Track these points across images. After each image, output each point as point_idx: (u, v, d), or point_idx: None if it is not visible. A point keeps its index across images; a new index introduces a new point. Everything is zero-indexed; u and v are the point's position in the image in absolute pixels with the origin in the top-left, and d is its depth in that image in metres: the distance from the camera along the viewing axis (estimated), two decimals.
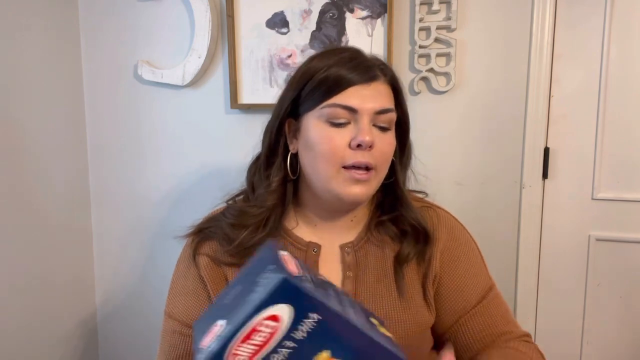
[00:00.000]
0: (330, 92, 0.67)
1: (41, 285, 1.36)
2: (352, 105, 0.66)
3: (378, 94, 0.68)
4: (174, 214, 1.49)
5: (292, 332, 0.42)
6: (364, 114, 0.66)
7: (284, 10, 1.32)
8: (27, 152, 1.30)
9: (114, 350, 1.60)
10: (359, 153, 0.66)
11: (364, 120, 0.66)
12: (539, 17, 1.20)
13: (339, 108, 0.66)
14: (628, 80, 1.20)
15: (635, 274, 1.25)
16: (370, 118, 0.67)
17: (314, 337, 0.42)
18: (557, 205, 1.28)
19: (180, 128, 1.45)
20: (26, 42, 1.28)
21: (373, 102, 0.67)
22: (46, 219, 1.36)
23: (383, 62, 0.73)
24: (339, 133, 0.67)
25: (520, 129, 1.25)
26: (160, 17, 1.41)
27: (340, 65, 0.67)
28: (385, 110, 0.68)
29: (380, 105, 0.67)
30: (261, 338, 0.41)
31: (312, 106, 0.68)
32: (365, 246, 0.76)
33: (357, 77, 0.67)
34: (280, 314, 0.41)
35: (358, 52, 0.72)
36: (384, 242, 0.76)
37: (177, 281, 0.79)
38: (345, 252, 0.75)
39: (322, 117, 0.67)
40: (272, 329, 0.41)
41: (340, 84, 0.67)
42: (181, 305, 0.76)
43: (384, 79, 0.70)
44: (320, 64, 0.69)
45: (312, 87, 0.68)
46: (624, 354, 1.29)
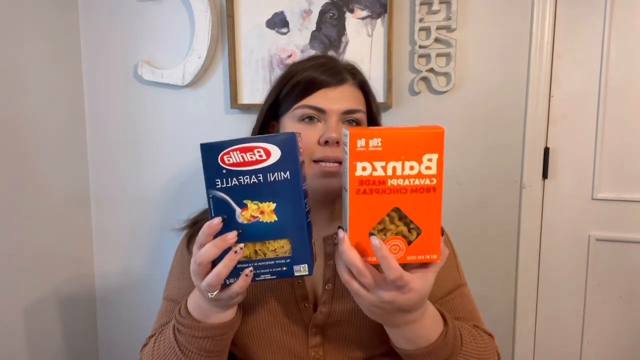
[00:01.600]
0: (302, 95, 0.75)
1: (41, 284, 1.36)
2: (320, 106, 0.73)
3: (345, 95, 0.75)
4: (174, 213, 1.49)
5: (267, 172, 0.55)
6: (331, 114, 0.73)
7: (284, 10, 1.32)
8: (27, 151, 1.30)
9: (113, 350, 1.60)
10: (327, 149, 0.72)
11: (332, 119, 0.73)
12: (539, 17, 1.20)
13: (309, 109, 0.74)
14: (628, 80, 1.20)
15: (635, 274, 1.25)
16: (338, 117, 0.74)
17: (275, 186, 0.55)
18: (557, 205, 1.28)
19: (180, 128, 1.45)
20: (26, 42, 1.28)
21: (340, 104, 0.74)
22: (46, 218, 1.37)
23: (354, 67, 0.80)
24: (309, 131, 0.74)
25: (520, 129, 1.25)
26: (160, 17, 1.41)
27: (312, 70, 0.76)
28: (351, 110, 0.75)
29: (346, 106, 0.74)
30: (251, 158, 0.54)
31: (288, 108, 0.76)
32: None
33: (326, 80, 0.74)
34: (271, 152, 0.54)
35: (331, 58, 0.80)
36: None
37: (174, 268, 0.86)
38: (327, 243, 0.79)
39: (295, 118, 0.75)
40: (260, 157, 0.54)
41: (311, 87, 0.74)
42: (176, 288, 0.81)
43: (352, 82, 0.77)
44: (297, 69, 0.78)
45: (287, 90, 0.77)
46: (624, 354, 1.29)
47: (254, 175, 0.55)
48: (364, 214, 0.55)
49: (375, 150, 0.53)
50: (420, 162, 0.53)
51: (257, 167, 0.55)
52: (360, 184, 0.54)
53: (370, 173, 0.53)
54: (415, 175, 0.54)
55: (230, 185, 0.55)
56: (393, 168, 0.53)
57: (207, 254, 0.56)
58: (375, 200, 0.54)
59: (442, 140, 0.53)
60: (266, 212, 0.57)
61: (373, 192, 0.54)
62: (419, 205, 0.54)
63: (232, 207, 0.56)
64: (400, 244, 0.56)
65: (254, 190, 0.55)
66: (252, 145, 0.54)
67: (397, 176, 0.54)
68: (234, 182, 0.55)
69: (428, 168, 0.53)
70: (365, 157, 0.53)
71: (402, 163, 0.53)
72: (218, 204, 0.56)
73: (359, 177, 0.54)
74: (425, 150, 0.53)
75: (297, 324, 0.76)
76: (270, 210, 0.56)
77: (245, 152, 0.54)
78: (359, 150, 0.53)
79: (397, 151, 0.53)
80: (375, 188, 0.54)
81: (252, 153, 0.54)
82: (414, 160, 0.53)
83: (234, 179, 0.55)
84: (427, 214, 0.55)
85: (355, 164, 0.53)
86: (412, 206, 0.55)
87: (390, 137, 0.53)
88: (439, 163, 0.53)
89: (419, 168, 0.53)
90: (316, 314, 0.75)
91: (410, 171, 0.53)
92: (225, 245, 0.56)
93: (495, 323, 1.19)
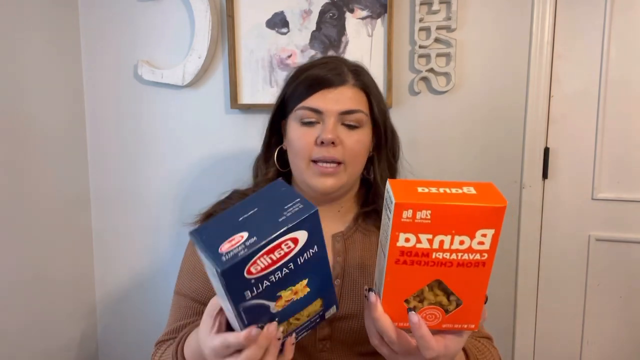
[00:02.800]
0: (302, 96, 0.76)
1: (41, 285, 1.36)
2: (317, 107, 0.75)
3: (344, 96, 0.76)
4: (174, 213, 1.49)
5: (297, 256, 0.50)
6: (329, 115, 0.75)
7: (284, 10, 1.32)
8: (27, 151, 1.30)
9: (113, 350, 1.60)
10: (324, 149, 0.74)
11: (329, 120, 0.74)
12: (539, 17, 1.20)
13: (308, 110, 0.76)
14: (628, 81, 1.20)
15: (635, 274, 1.25)
16: (336, 118, 0.75)
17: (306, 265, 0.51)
18: (557, 205, 1.28)
19: (180, 128, 1.45)
20: (26, 42, 1.28)
21: (337, 104, 0.75)
22: (46, 219, 1.36)
23: (358, 68, 0.81)
24: (308, 132, 0.76)
25: (520, 129, 1.25)
26: (160, 17, 1.41)
27: (315, 71, 0.77)
28: (349, 111, 0.75)
29: (344, 107, 0.75)
30: (279, 255, 0.48)
31: (291, 109, 0.78)
32: (353, 235, 0.83)
33: (327, 81, 0.75)
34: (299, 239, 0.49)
35: (337, 59, 0.81)
36: (370, 231, 0.83)
37: (186, 262, 0.86)
38: (336, 240, 0.81)
39: (296, 119, 0.77)
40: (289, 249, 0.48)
41: (311, 88, 0.76)
42: (189, 282, 0.82)
43: (353, 83, 0.78)
44: (301, 70, 0.80)
45: (291, 91, 0.79)
46: (624, 354, 1.29)
47: (285, 268, 0.50)
48: (402, 283, 0.50)
49: (422, 223, 0.47)
50: (472, 237, 0.47)
51: (287, 259, 0.49)
52: (401, 255, 0.49)
53: (414, 245, 0.48)
54: (464, 250, 0.48)
55: (262, 289, 0.49)
56: (440, 242, 0.48)
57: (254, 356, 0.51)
58: (415, 271, 0.49)
59: (502, 216, 0.46)
60: (299, 290, 0.53)
61: (414, 264, 0.49)
62: (464, 279, 0.50)
63: (266, 305, 0.51)
64: (437, 313, 0.52)
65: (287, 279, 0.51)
66: (279, 242, 0.48)
67: (443, 250, 0.48)
68: (265, 284, 0.49)
69: (481, 243, 0.48)
70: (410, 228, 0.47)
71: (452, 237, 0.47)
72: (250, 311, 0.50)
73: (400, 248, 0.48)
74: (480, 226, 0.47)
75: None
76: (303, 287, 0.53)
77: (273, 252, 0.48)
78: (404, 221, 0.47)
79: (448, 225, 0.47)
80: (417, 260, 0.49)
81: (280, 249, 0.48)
82: (465, 235, 0.47)
83: (264, 282, 0.49)
84: (471, 287, 0.50)
85: (397, 234, 0.47)
86: (456, 279, 0.50)
87: (442, 211, 0.46)
88: (494, 238, 0.47)
89: (470, 243, 0.48)
90: None
91: (460, 245, 0.48)
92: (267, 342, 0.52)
93: (495, 323, 1.19)
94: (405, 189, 0.48)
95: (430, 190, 0.48)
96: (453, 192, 0.48)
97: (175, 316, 0.82)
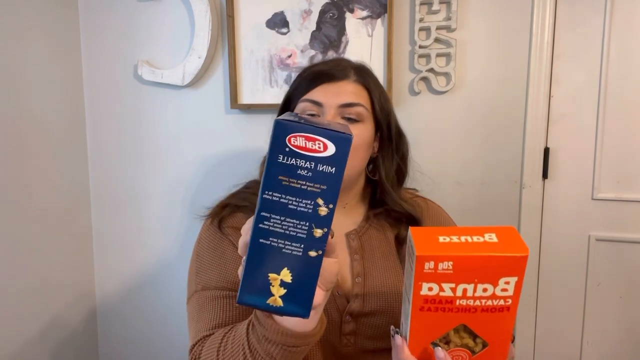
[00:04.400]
0: (305, 90, 0.78)
1: (41, 285, 1.36)
2: (317, 100, 0.76)
3: (344, 90, 0.77)
4: (174, 213, 1.49)
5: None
6: (329, 107, 0.76)
7: (284, 10, 1.32)
8: (27, 151, 1.30)
9: (113, 350, 1.60)
10: None
11: (329, 112, 0.76)
12: (539, 17, 1.20)
13: (308, 102, 0.77)
14: (628, 80, 1.20)
15: (635, 274, 1.25)
16: (335, 111, 0.76)
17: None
18: (557, 205, 1.28)
19: (180, 128, 1.45)
20: (26, 42, 1.28)
21: (337, 98, 0.76)
22: (46, 219, 1.36)
23: (361, 66, 0.82)
24: None
25: (520, 129, 1.25)
26: (160, 17, 1.41)
27: (317, 68, 0.79)
28: (348, 104, 0.76)
29: (343, 100, 0.76)
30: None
31: (295, 102, 0.80)
32: (368, 232, 0.84)
33: (327, 76, 0.77)
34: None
35: (342, 58, 0.84)
36: (384, 227, 0.85)
37: (204, 256, 0.79)
38: (350, 238, 0.82)
39: (298, 111, 0.78)
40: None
41: (312, 82, 0.78)
42: (216, 273, 0.75)
43: (355, 79, 0.79)
44: (307, 68, 0.82)
45: (295, 87, 0.81)
46: (624, 354, 1.29)
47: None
48: (427, 327, 0.51)
49: (445, 273, 0.48)
50: (495, 285, 0.48)
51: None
52: (425, 302, 0.50)
53: (437, 293, 0.49)
54: (488, 297, 0.49)
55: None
56: (464, 290, 0.49)
57: None
58: (440, 316, 0.50)
59: (525, 264, 0.47)
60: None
61: (439, 310, 0.50)
62: (489, 323, 0.50)
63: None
64: (464, 354, 0.53)
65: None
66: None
67: (467, 297, 0.49)
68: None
69: (504, 290, 0.49)
70: (433, 278, 0.48)
71: (475, 286, 0.48)
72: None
73: (423, 296, 0.49)
74: (503, 274, 0.48)
75: (332, 311, 0.77)
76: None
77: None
78: (427, 272, 0.48)
79: (470, 275, 0.48)
80: (441, 307, 0.50)
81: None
82: (488, 283, 0.48)
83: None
84: (497, 330, 0.51)
85: (421, 284, 0.49)
86: (481, 324, 0.51)
87: (464, 262, 0.47)
88: (517, 285, 0.48)
89: (493, 290, 0.49)
90: (351, 303, 0.77)
91: (483, 293, 0.49)
92: None
93: None
94: (427, 238, 0.49)
95: (451, 240, 0.49)
96: (474, 241, 0.49)
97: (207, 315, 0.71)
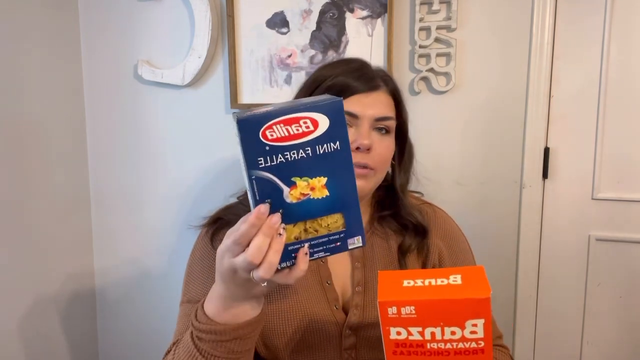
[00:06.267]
0: None
1: (41, 286, 1.36)
2: (354, 112, 0.73)
3: (379, 102, 0.75)
4: (174, 213, 1.49)
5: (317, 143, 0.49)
6: (364, 120, 0.73)
7: (284, 10, 1.32)
8: (27, 152, 1.30)
9: (113, 350, 1.60)
10: (358, 154, 0.72)
11: (364, 125, 0.73)
12: (539, 17, 1.20)
13: None
14: (628, 80, 1.20)
15: (635, 274, 1.25)
16: (370, 124, 0.73)
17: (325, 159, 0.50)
18: (557, 205, 1.28)
19: (180, 128, 1.45)
20: (26, 42, 1.28)
21: (373, 110, 0.74)
22: (46, 219, 1.37)
23: (386, 74, 0.80)
24: None
25: (520, 129, 1.25)
26: (160, 17, 1.41)
27: (346, 75, 0.75)
28: (384, 117, 0.75)
29: (379, 113, 0.74)
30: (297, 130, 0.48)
31: None
32: (370, 239, 0.82)
33: (360, 86, 0.74)
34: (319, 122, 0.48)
35: (364, 63, 0.79)
36: (388, 235, 0.83)
37: (197, 267, 0.80)
38: None
39: None
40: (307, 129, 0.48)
41: (345, 92, 0.73)
42: (201, 287, 0.77)
43: (385, 89, 0.77)
44: (328, 73, 0.76)
45: (320, 93, 0.74)
46: (624, 354, 1.29)
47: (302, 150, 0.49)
48: None
49: (409, 317, 0.48)
50: (463, 328, 0.48)
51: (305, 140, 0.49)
52: (397, 346, 0.50)
53: (407, 337, 0.49)
54: (458, 340, 0.49)
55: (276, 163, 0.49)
56: (432, 333, 0.49)
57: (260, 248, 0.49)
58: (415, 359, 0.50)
59: (489, 306, 0.47)
60: (317, 187, 0.51)
61: (412, 354, 0.50)
62: None
63: (280, 186, 0.50)
64: None
65: (302, 165, 0.50)
66: (297, 117, 0.48)
67: (437, 340, 0.49)
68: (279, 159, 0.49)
69: (473, 332, 0.48)
70: (399, 323, 0.48)
71: (442, 329, 0.48)
72: (263, 185, 0.49)
73: (394, 340, 0.50)
74: (468, 317, 0.48)
75: (331, 326, 0.75)
76: (322, 186, 0.51)
77: (290, 125, 0.48)
78: (391, 317, 0.48)
79: (435, 318, 0.48)
80: (413, 350, 0.50)
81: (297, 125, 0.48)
82: (455, 326, 0.48)
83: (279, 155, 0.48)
84: None
85: (388, 329, 0.49)
86: None
87: (425, 306, 0.47)
88: (486, 327, 0.48)
89: (462, 333, 0.48)
90: (350, 315, 0.75)
91: (452, 336, 0.48)
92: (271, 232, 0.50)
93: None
94: (391, 283, 0.50)
95: (415, 284, 0.49)
96: (438, 284, 0.49)
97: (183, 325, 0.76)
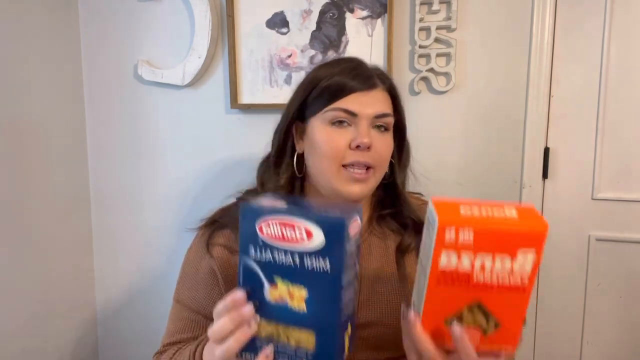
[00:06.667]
0: (333, 98, 0.74)
1: (41, 286, 1.36)
2: (352, 110, 0.73)
3: (376, 100, 0.75)
4: (174, 213, 1.49)
5: (305, 255, 0.48)
6: (363, 118, 0.73)
7: (284, 10, 1.32)
8: (27, 151, 1.30)
9: (113, 351, 1.60)
10: (358, 153, 0.72)
11: (363, 123, 0.73)
12: (539, 17, 1.20)
13: (341, 112, 0.73)
14: (628, 80, 1.20)
15: (635, 274, 1.25)
16: (369, 122, 0.74)
17: (310, 276, 0.48)
18: (557, 205, 1.28)
19: (180, 128, 1.45)
20: (26, 42, 1.28)
21: (371, 108, 0.74)
22: (46, 219, 1.37)
23: (382, 72, 0.80)
24: (340, 134, 0.73)
25: (520, 129, 1.25)
26: (160, 17, 1.41)
27: (343, 74, 0.75)
28: (382, 114, 0.75)
29: (378, 110, 0.74)
30: (290, 236, 0.48)
31: (317, 110, 0.75)
32: (368, 238, 0.81)
33: (358, 85, 0.74)
34: (314, 235, 0.47)
35: (360, 62, 0.79)
36: (386, 235, 0.82)
37: (188, 269, 0.82)
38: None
39: (325, 120, 0.74)
40: (300, 238, 0.47)
41: (343, 91, 0.74)
42: (190, 292, 0.79)
43: (382, 87, 0.78)
44: (325, 73, 0.76)
45: (317, 93, 0.76)
46: (624, 354, 1.29)
47: (291, 256, 0.48)
48: (442, 303, 0.52)
49: (465, 243, 0.48)
50: (514, 258, 0.49)
51: (295, 248, 0.48)
52: (443, 275, 0.50)
53: (456, 267, 0.50)
54: (506, 273, 0.50)
55: (264, 259, 0.49)
56: (482, 264, 0.49)
57: (222, 329, 0.52)
58: (456, 293, 0.51)
59: (543, 240, 0.48)
60: (296, 297, 0.50)
61: (455, 285, 0.50)
62: (504, 303, 0.51)
63: (262, 281, 0.51)
64: (475, 334, 0.53)
65: (288, 271, 0.49)
66: (293, 222, 0.47)
67: (485, 272, 0.50)
68: (267, 257, 0.49)
69: (522, 267, 0.49)
70: (453, 247, 0.49)
71: (493, 257, 0.49)
72: (248, 274, 0.51)
73: (442, 269, 0.50)
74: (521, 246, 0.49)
75: None
76: (300, 297, 0.50)
77: (285, 227, 0.48)
78: (447, 241, 0.48)
79: (490, 245, 0.49)
80: (458, 282, 0.50)
81: (292, 230, 0.47)
82: (507, 254, 0.49)
83: (268, 253, 0.49)
84: (510, 311, 0.51)
85: (440, 252, 0.49)
86: (496, 303, 0.51)
87: (485, 234, 0.48)
88: (535, 262, 0.49)
89: (511, 264, 0.49)
90: None
91: (501, 268, 0.49)
92: (242, 320, 0.52)
93: None
94: (448, 209, 0.50)
95: (472, 212, 0.50)
96: (495, 215, 0.49)
97: (174, 327, 0.80)
